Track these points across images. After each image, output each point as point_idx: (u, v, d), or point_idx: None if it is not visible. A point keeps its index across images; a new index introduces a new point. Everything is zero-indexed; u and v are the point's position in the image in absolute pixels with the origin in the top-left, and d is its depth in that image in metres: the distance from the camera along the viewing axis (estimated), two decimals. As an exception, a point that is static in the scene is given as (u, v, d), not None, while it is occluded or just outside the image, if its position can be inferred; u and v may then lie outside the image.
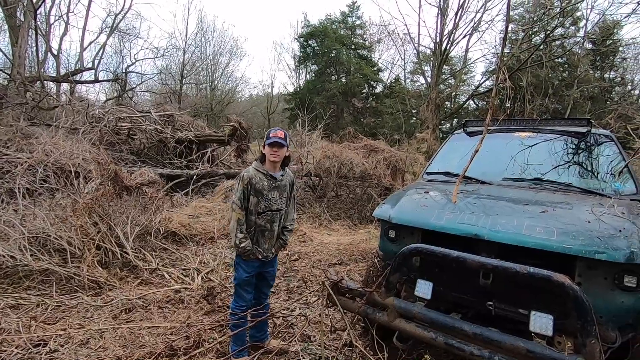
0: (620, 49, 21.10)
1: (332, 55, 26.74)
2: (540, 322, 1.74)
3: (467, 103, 21.01)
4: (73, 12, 16.17)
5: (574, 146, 3.17)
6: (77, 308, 3.19)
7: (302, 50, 28.10)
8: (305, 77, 29.09)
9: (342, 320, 2.57)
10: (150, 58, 24.57)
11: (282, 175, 2.52)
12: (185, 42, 24.54)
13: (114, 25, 17.69)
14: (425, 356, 1.99)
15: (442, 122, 20.61)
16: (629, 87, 22.81)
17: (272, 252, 2.55)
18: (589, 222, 1.95)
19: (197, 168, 8.71)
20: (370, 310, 2.20)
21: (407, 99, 23.72)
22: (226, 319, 2.90)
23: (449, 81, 24.26)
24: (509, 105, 21.87)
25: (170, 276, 3.94)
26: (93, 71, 16.17)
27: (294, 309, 3.38)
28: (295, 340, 2.58)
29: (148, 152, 8.74)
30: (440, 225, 2.17)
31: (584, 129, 3.26)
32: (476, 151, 2.64)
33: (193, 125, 10.34)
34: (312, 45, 27.56)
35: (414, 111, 26.15)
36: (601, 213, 2.02)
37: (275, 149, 2.41)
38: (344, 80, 27.21)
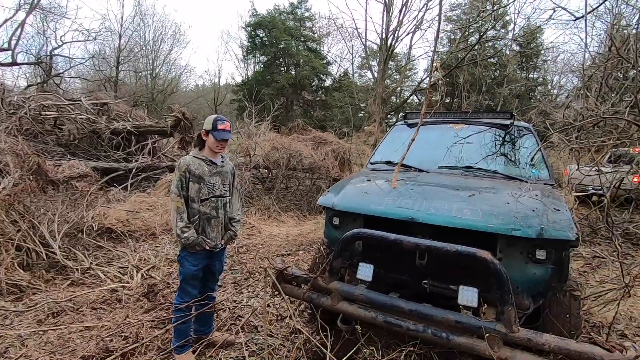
0: (542, 52, 23.41)
1: (281, 46, 26.42)
2: (467, 295, 1.91)
3: (411, 98, 22.01)
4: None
5: (499, 137, 3.47)
6: (-7, 315, 2.86)
7: (250, 40, 27.39)
8: (254, 68, 28.45)
9: (289, 308, 2.59)
10: (79, 41, 22.17)
11: (222, 162, 2.48)
12: (121, 26, 22.68)
13: (34, 1, 15.77)
14: (365, 350, 2.07)
15: (389, 115, 21.39)
16: (549, 87, 25.45)
17: (220, 242, 2.49)
18: (508, 203, 2.16)
19: (136, 161, 8.17)
20: (315, 295, 2.25)
21: (355, 92, 24.25)
22: (169, 316, 2.79)
23: (395, 76, 25.22)
24: (448, 100, 23.33)
25: (105, 275, 3.68)
26: (10, 52, 14.32)
27: (241, 301, 3.34)
28: (241, 331, 2.56)
29: (79, 143, 8.00)
30: (380, 210, 2.27)
31: (507, 122, 3.59)
32: (413, 139, 2.79)
33: (131, 116, 9.66)
34: (261, 35, 26.98)
35: (362, 105, 26.85)
36: (519, 195, 2.25)
37: (222, 143, 2.39)
38: (293, 73, 27.05)
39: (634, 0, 8.83)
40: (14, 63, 13.33)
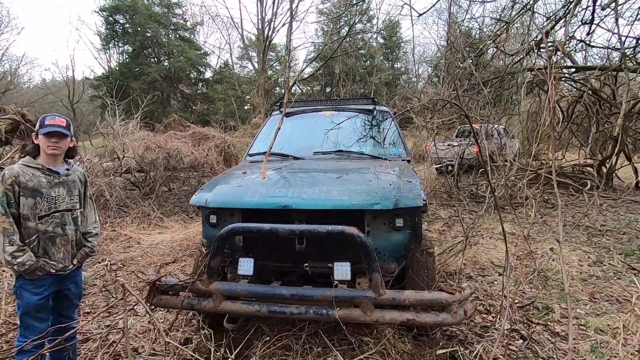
0: (402, 44, 26.59)
1: (148, 34, 23.75)
2: (341, 270, 2.04)
3: (294, 88, 22.51)
4: None
5: (365, 121, 3.80)
6: None
7: (107, 27, 23.81)
8: (118, 59, 24.98)
9: (157, 323, 2.38)
10: None
11: (67, 170, 2.09)
12: None
13: None
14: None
15: (273, 106, 21.51)
16: (411, 76, 29.15)
17: (70, 262, 2.10)
18: (370, 181, 2.38)
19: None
20: (195, 301, 2.11)
21: (237, 84, 23.57)
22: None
23: (276, 67, 25.36)
24: (328, 89, 24.65)
25: None
26: None
27: (116, 324, 2.94)
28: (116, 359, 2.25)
29: None
30: (254, 202, 2.25)
31: (371, 107, 3.94)
32: (278, 129, 2.83)
33: (-60, 121, 7.45)
34: (121, 21, 23.72)
35: (247, 97, 26.30)
36: (379, 172, 2.51)
37: (54, 140, 1.98)
38: (166, 64, 24.72)
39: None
40: None
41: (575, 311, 2.88)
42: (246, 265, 2.16)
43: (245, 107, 25.71)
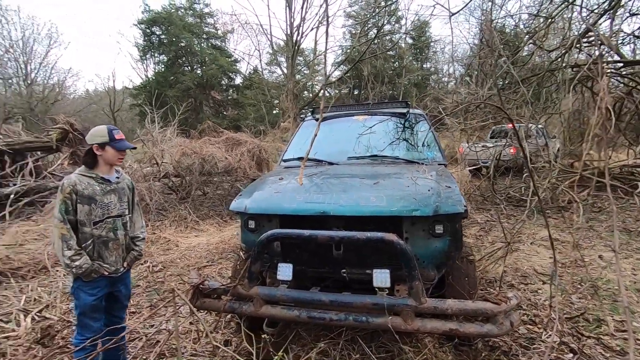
0: (432, 44, 26.04)
1: (182, 44, 24.75)
2: (381, 277, 2.02)
3: (322, 92, 22.63)
4: None
5: (399, 124, 3.75)
6: None
7: (145, 38, 25.06)
8: (154, 68, 26.21)
9: (203, 324, 2.46)
10: None
11: (117, 178, 2.23)
12: (-27, 24, 18.80)
13: None
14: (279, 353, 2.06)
15: (302, 110, 21.70)
16: (441, 76, 28.49)
17: (121, 265, 2.24)
18: (408, 186, 2.35)
19: (14, 184, 6.92)
20: (236, 305, 2.17)
21: (267, 89, 24.01)
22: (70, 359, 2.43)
23: (304, 71, 25.60)
24: (356, 92, 24.56)
25: (-19, 328, 3.04)
26: None
27: (159, 325, 3.07)
28: (159, 359, 2.35)
29: None
30: (292, 208, 2.28)
31: (404, 110, 3.89)
32: (315, 135, 2.85)
33: (1, 132, 8.13)
34: (157, 33, 24.89)
35: (275, 102, 26.72)
36: (417, 178, 2.46)
37: (124, 153, 2.21)
38: (199, 72, 25.63)
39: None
40: None
41: (632, 324, 2.69)
42: (285, 271, 2.19)
43: (274, 112, 26.12)
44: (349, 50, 19.58)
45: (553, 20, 5.69)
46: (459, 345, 2.46)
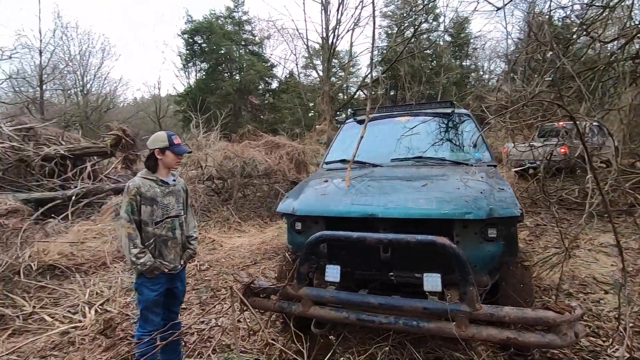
0: (471, 40, 25.07)
1: (222, 52, 25.72)
2: (431, 281, 1.98)
3: (357, 94, 22.54)
4: None
5: (443, 125, 3.65)
6: None
7: (188, 47, 26.34)
8: (196, 76, 27.45)
9: (259, 322, 2.53)
10: (-9, 61, 19.89)
11: (174, 180, 2.37)
12: (41, 41, 20.61)
13: None
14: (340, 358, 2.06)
15: (338, 112, 21.72)
16: (481, 73, 27.35)
17: (179, 263, 2.37)
18: (458, 189, 2.28)
19: (75, 187, 7.52)
20: (285, 304, 2.22)
21: (303, 93, 24.30)
22: (132, 350, 2.60)
23: (340, 74, 25.63)
24: (392, 92, 24.19)
25: (52, 318, 3.34)
26: None
27: (209, 322, 3.20)
28: (212, 354, 2.45)
29: (4, 175, 7.20)
30: (339, 210, 2.29)
31: (449, 110, 3.78)
32: (361, 137, 2.84)
33: (63, 138, 8.88)
34: (199, 42, 26.07)
35: (311, 105, 26.98)
36: (467, 179, 2.39)
37: (181, 157, 2.37)
38: (237, 78, 26.49)
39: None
40: None
41: None
42: (333, 272, 2.21)
43: (310, 114, 26.38)
44: (384, 51, 19.36)
45: (613, 9, 5.28)
46: (514, 355, 2.34)
